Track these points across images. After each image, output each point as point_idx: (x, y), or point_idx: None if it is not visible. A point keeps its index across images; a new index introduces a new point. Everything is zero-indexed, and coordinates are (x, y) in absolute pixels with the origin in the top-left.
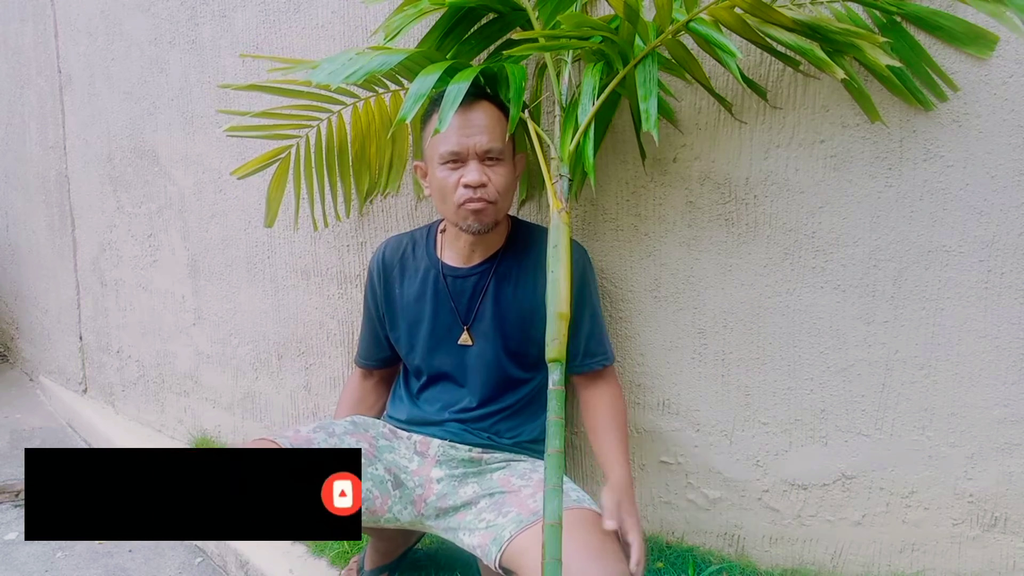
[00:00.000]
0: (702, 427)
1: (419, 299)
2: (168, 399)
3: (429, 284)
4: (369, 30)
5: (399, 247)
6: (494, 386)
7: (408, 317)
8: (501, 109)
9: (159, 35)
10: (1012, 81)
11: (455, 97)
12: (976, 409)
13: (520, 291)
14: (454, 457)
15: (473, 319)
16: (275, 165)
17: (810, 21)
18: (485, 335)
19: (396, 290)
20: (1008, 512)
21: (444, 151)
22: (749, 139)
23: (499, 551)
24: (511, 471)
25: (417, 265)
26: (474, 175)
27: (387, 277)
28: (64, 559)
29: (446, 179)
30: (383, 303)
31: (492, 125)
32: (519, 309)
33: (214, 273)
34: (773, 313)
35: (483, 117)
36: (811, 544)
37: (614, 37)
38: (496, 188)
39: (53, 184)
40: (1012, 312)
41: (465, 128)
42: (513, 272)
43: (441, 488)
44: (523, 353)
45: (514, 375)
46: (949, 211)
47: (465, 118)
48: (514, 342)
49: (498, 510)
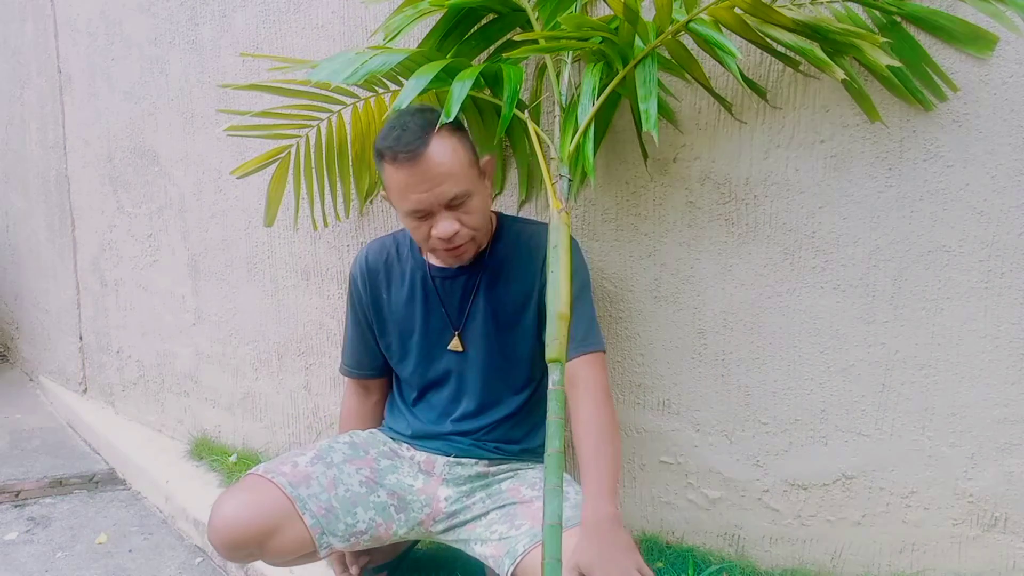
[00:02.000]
0: (702, 427)
1: (408, 303)
2: (168, 399)
3: (418, 287)
4: (369, 30)
5: (382, 251)
6: (492, 390)
7: (399, 323)
8: (456, 131)
9: (159, 35)
10: (1012, 81)
11: (458, 96)
12: (976, 409)
13: (513, 286)
14: (461, 474)
15: (464, 321)
16: (275, 165)
17: (810, 21)
18: (477, 338)
19: (383, 295)
20: (1008, 512)
21: (406, 209)
22: (749, 139)
23: (512, 564)
24: (520, 480)
25: (403, 268)
26: (444, 228)
27: (372, 282)
28: (64, 559)
29: (416, 229)
30: (370, 309)
31: (449, 163)
32: (512, 304)
33: (214, 273)
34: (773, 313)
35: (437, 158)
36: (811, 544)
37: (614, 38)
38: (471, 226)
39: (53, 184)
40: (1012, 312)
41: (422, 181)
42: (503, 268)
43: (448, 506)
44: (518, 351)
45: (512, 376)
46: (949, 211)
47: (417, 166)
48: (509, 339)
49: (510, 522)
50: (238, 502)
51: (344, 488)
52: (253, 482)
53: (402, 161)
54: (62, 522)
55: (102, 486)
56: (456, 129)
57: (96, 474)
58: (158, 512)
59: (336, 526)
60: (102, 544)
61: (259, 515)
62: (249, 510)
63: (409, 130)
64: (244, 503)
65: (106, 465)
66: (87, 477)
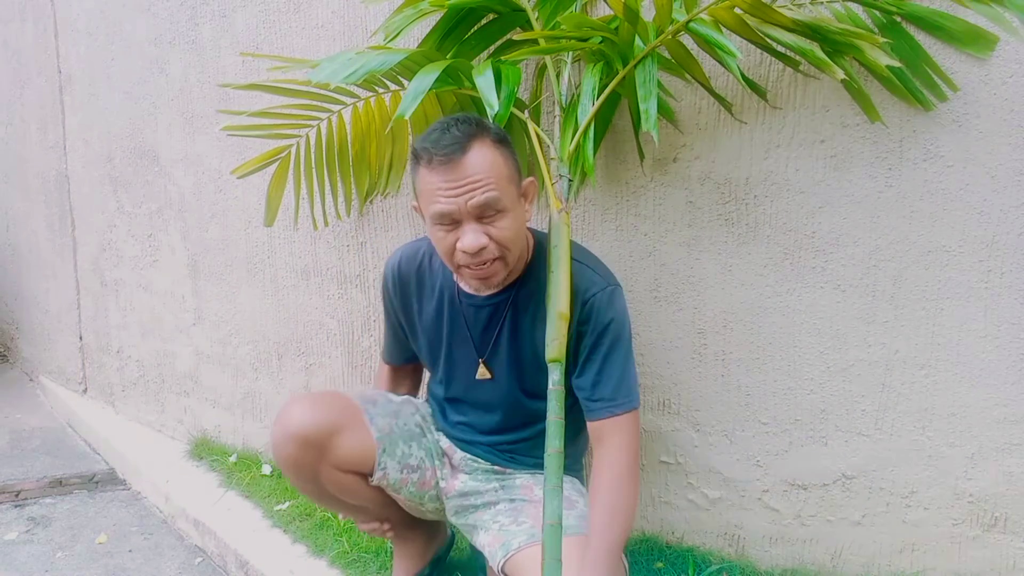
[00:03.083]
0: (702, 427)
1: (436, 320)
2: (168, 399)
3: (445, 306)
4: (369, 30)
5: (415, 257)
6: (512, 418)
7: (428, 335)
8: (500, 143)
9: (159, 35)
10: (1012, 81)
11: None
12: (976, 409)
13: (539, 323)
14: (477, 468)
15: (489, 351)
16: (275, 165)
17: (810, 21)
18: (503, 369)
19: (414, 304)
20: (1008, 512)
21: (433, 212)
22: (749, 139)
23: (504, 557)
24: (535, 480)
25: (434, 282)
26: (470, 240)
27: (403, 289)
28: (64, 559)
29: (442, 240)
30: (401, 314)
31: (486, 172)
32: (534, 343)
33: (214, 273)
34: (773, 313)
35: (474, 165)
36: (811, 544)
37: (614, 38)
38: (500, 242)
39: (53, 184)
40: (1012, 312)
41: (454, 183)
42: (532, 302)
43: (461, 484)
44: (538, 390)
45: (532, 408)
46: (949, 211)
47: (452, 170)
48: (530, 377)
49: (514, 517)
50: (307, 403)
51: (403, 422)
52: (321, 393)
53: (437, 163)
54: (62, 522)
55: (102, 486)
56: (500, 141)
57: (96, 474)
58: (158, 512)
59: (395, 449)
60: (102, 544)
61: (330, 413)
62: (319, 409)
63: (450, 133)
64: (313, 403)
65: (106, 465)
66: (87, 477)
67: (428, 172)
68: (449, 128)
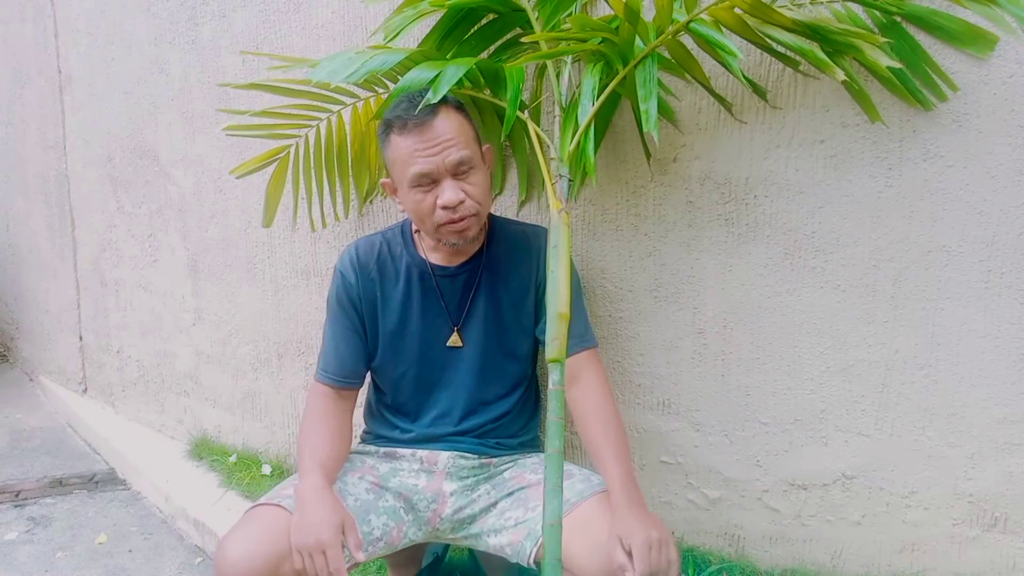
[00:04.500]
0: (702, 427)
1: (405, 301)
2: (168, 399)
3: (415, 284)
4: (369, 30)
5: (372, 247)
6: (489, 388)
7: (391, 323)
8: (459, 110)
9: (159, 35)
10: (1012, 81)
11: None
12: (976, 409)
13: (512, 284)
14: (464, 466)
15: (464, 318)
16: (274, 165)
17: (810, 21)
18: (476, 335)
19: (377, 292)
20: (1008, 512)
21: (413, 173)
22: (749, 139)
23: (535, 545)
24: (520, 467)
25: (397, 266)
26: (450, 194)
27: (364, 275)
28: (64, 559)
29: (420, 202)
30: (363, 303)
31: (456, 132)
32: (511, 302)
33: (214, 273)
34: (773, 313)
35: (446, 127)
36: (811, 544)
37: (614, 38)
38: (475, 199)
39: (53, 184)
40: (1012, 312)
41: (430, 142)
42: (501, 266)
43: (455, 501)
44: (515, 348)
45: (508, 371)
46: (949, 211)
47: (426, 133)
48: (511, 336)
49: (524, 506)
50: (244, 535)
51: (352, 499)
52: (258, 513)
53: (412, 127)
54: (62, 522)
55: (102, 486)
56: (460, 108)
57: (96, 474)
58: (158, 512)
59: None
60: (102, 544)
61: (270, 542)
62: (257, 541)
63: (417, 102)
64: (250, 535)
65: (106, 465)
66: (87, 477)
67: (403, 138)
68: (415, 99)
